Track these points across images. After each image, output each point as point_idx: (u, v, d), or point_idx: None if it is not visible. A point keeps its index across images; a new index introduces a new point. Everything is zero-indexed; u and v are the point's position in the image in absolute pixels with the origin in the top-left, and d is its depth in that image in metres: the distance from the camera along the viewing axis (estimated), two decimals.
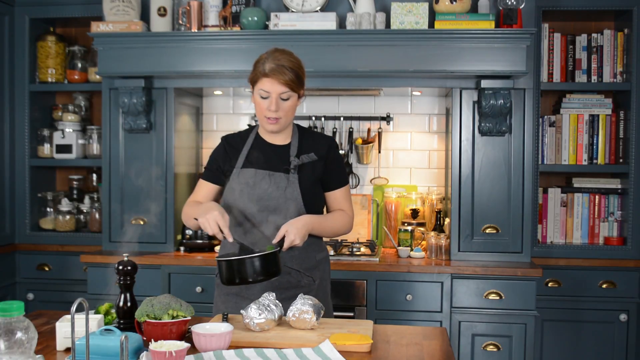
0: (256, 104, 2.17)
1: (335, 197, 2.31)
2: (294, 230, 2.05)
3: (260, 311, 1.85)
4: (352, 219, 2.33)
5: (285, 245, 2.05)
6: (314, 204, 2.23)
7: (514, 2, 3.11)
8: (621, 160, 3.48)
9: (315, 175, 2.24)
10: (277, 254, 1.99)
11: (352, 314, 3.12)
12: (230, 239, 2.01)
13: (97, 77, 3.70)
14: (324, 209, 2.35)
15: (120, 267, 1.90)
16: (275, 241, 2.06)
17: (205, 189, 2.31)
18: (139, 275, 1.96)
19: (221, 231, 2.01)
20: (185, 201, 3.60)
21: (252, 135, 2.30)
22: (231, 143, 2.31)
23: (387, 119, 3.67)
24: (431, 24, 3.20)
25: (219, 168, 2.29)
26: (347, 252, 3.30)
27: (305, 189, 2.20)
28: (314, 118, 3.72)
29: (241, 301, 2.20)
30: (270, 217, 2.16)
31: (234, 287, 2.20)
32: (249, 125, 3.79)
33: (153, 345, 1.53)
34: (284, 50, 2.18)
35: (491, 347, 3.11)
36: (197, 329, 1.71)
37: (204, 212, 2.04)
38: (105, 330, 1.61)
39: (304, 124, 3.74)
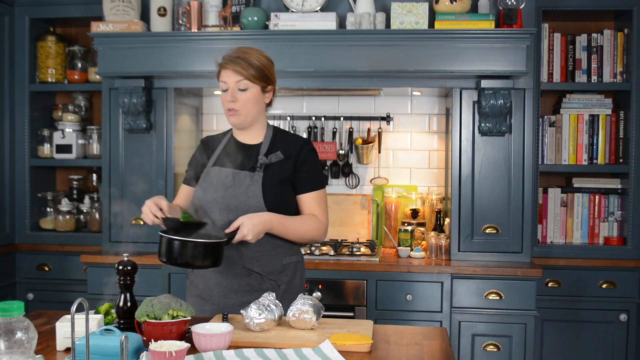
0: (221, 98, 2.19)
1: (305, 201, 2.20)
2: (248, 225, 2.00)
3: (260, 311, 1.85)
4: (324, 226, 2.22)
5: (236, 237, 1.99)
6: (280, 206, 2.15)
7: (514, 2, 3.11)
8: (621, 160, 3.48)
9: (282, 175, 2.17)
10: (221, 245, 1.95)
11: (352, 314, 3.12)
12: (161, 216, 2.02)
13: (97, 77, 3.70)
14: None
15: (120, 267, 1.90)
16: (227, 231, 2.01)
17: (183, 192, 2.33)
18: (139, 275, 1.96)
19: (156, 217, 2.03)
20: None
21: (227, 136, 2.30)
22: (207, 144, 2.32)
23: (387, 119, 3.67)
24: (431, 24, 3.20)
25: (194, 170, 2.29)
26: (347, 252, 3.30)
27: (269, 188, 2.13)
28: (314, 118, 3.72)
29: (204, 303, 2.19)
30: (231, 216, 2.10)
31: (197, 288, 2.21)
32: None
33: (153, 345, 1.53)
34: (249, 47, 2.19)
35: (491, 347, 3.11)
36: (197, 329, 1.71)
37: None
38: (105, 330, 1.61)
39: (304, 123, 3.75)
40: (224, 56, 2.17)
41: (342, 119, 3.71)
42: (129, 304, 1.88)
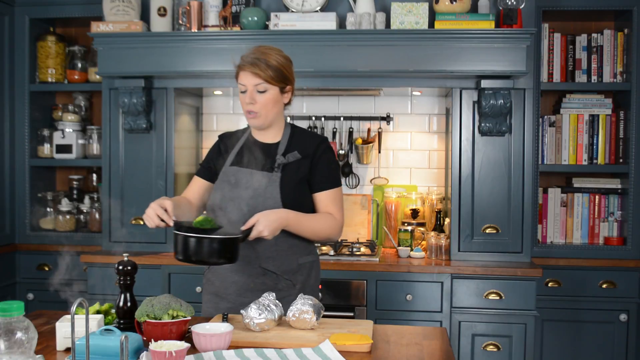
0: (240, 100, 2.17)
1: (320, 199, 2.20)
2: (264, 221, 1.98)
3: (260, 311, 1.85)
4: (339, 224, 2.21)
5: (252, 234, 1.98)
6: (298, 205, 2.14)
7: (514, 2, 3.11)
8: (621, 160, 3.48)
9: (300, 175, 2.17)
10: (236, 241, 1.94)
11: (352, 314, 3.12)
12: (171, 223, 1.98)
13: (97, 77, 3.70)
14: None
15: (120, 267, 1.90)
16: (243, 228, 2.00)
17: (196, 184, 2.30)
18: (139, 275, 1.96)
19: (162, 220, 1.98)
20: None
21: (245, 134, 2.29)
22: (225, 142, 2.31)
23: (387, 119, 3.67)
24: (431, 24, 3.20)
25: (211, 165, 2.29)
26: (347, 252, 3.30)
27: (287, 188, 2.13)
28: (314, 118, 3.72)
29: (219, 301, 2.19)
30: (248, 216, 2.06)
31: (213, 286, 2.21)
32: None
33: (153, 345, 1.53)
34: (267, 46, 2.17)
35: (491, 347, 3.11)
36: (197, 329, 1.71)
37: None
38: (105, 330, 1.61)
39: (304, 124, 3.74)
40: (242, 56, 2.15)
41: (342, 119, 3.71)
42: (129, 304, 1.89)
